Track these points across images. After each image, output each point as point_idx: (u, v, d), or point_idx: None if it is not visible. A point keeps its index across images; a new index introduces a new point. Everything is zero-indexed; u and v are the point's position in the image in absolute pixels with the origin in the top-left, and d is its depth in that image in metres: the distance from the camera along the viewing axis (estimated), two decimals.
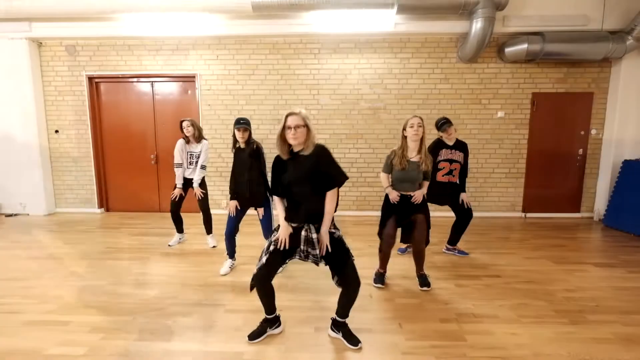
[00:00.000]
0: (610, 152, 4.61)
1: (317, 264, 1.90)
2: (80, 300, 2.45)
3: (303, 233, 1.83)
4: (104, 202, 5.22)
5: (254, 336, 1.95)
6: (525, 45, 4.25)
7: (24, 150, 4.85)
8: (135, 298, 2.47)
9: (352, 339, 1.91)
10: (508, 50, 4.40)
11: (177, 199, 3.43)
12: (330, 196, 1.84)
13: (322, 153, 1.83)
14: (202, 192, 3.39)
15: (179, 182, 3.42)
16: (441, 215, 4.12)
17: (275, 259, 1.85)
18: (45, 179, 4.96)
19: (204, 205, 3.46)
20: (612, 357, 1.83)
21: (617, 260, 3.24)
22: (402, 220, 2.63)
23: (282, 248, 1.82)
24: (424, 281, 2.64)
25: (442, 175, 3.07)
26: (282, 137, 1.82)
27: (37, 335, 2.01)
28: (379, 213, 2.74)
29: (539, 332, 2.06)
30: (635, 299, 2.47)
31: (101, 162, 5.13)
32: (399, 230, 2.69)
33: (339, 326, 1.96)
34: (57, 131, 4.99)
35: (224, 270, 2.91)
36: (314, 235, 1.81)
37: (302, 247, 1.85)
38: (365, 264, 3.01)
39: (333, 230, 1.89)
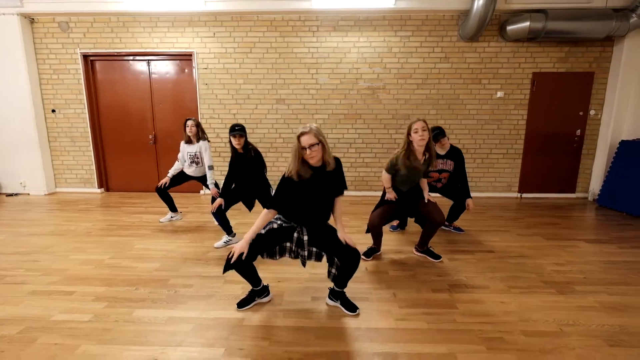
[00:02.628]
0: (607, 132, 4.62)
1: (304, 265, 2.00)
2: (83, 272, 2.52)
3: (295, 235, 1.91)
4: (104, 182, 5.25)
5: (242, 304, 2.03)
6: (527, 23, 4.18)
7: (22, 130, 4.83)
8: (137, 271, 2.54)
9: (350, 306, 1.99)
10: (510, 28, 4.33)
11: (164, 186, 3.49)
12: (339, 201, 1.99)
13: (338, 166, 1.91)
14: (217, 192, 3.29)
15: (170, 173, 3.52)
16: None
17: (259, 248, 1.87)
18: (44, 158, 4.97)
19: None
20: (595, 322, 1.91)
21: (608, 237, 3.31)
22: (403, 212, 2.69)
23: (232, 260, 1.78)
24: (433, 254, 2.75)
25: (431, 180, 3.12)
26: (299, 157, 1.76)
27: (42, 304, 2.08)
28: (376, 193, 2.81)
29: (527, 301, 2.14)
30: (623, 272, 2.55)
31: (99, 142, 5.12)
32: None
33: (337, 295, 2.03)
34: (54, 110, 4.96)
35: (218, 244, 2.99)
36: (305, 238, 1.90)
37: (293, 247, 1.94)
38: (360, 240, 3.08)
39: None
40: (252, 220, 3.50)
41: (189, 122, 3.35)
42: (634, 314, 1.99)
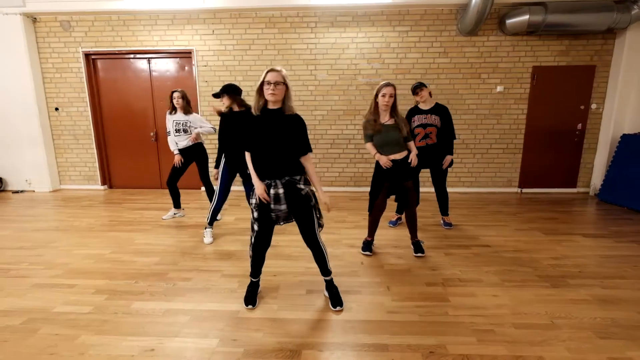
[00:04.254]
0: (609, 126, 4.57)
1: (278, 222, 1.93)
2: (84, 266, 2.58)
3: (272, 191, 1.85)
4: (107, 179, 5.33)
5: (250, 300, 2.02)
6: (526, 17, 4.14)
7: (26, 128, 4.92)
8: (137, 265, 2.60)
9: (334, 301, 2.00)
10: (509, 21, 4.29)
11: (178, 166, 3.51)
12: (309, 160, 1.94)
13: (300, 120, 1.90)
14: (197, 134, 3.44)
15: (172, 149, 3.53)
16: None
17: (265, 223, 1.93)
18: (48, 156, 5.06)
19: (204, 178, 3.56)
20: (587, 315, 1.92)
21: (606, 232, 3.30)
22: (394, 188, 2.66)
23: (265, 203, 1.87)
24: (418, 248, 2.74)
25: (419, 141, 3.11)
26: (259, 92, 1.82)
27: (44, 296, 2.14)
28: None
29: (520, 294, 2.15)
30: (618, 266, 2.55)
31: (102, 140, 5.20)
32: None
33: (329, 286, 2.07)
34: (57, 109, 5.03)
35: (208, 240, 3.03)
36: (280, 191, 1.85)
37: (272, 205, 1.87)
38: (358, 235, 3.12)
39: (302, 187, 1.90)
40: (246, 217, 3.55)
41: (175, 94, 3.39)
42: (626, 307, 2.00)
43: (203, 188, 5.09)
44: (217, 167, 3.02)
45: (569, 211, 4.05)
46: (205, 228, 3.10)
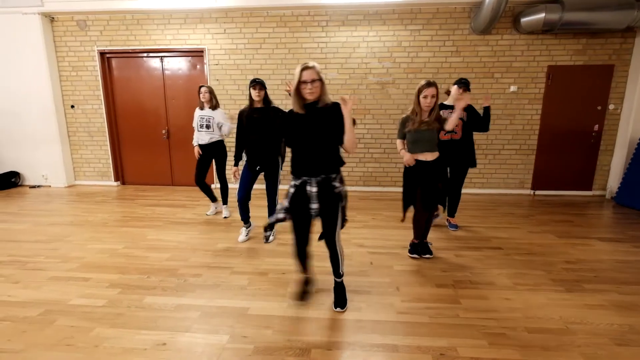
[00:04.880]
0: (628, 128, 4.44)
1: (312, 218, 1.89)
2: (99, 260, 2.64)
3: (307, 188, 1.82)
4: (120, 175, 5.43)
5: (302, 296, 1.97)
6: (542, 15, 4.04)
7: (43, 125, 5.05)
8: (149, 260, 2.64)
9: (338, 302, 1.99)
10: (524, 20, 4.21)
11: (199, 160, 3.58)
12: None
13: (337, 108, 1.81)
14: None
15: (194, 143, 3.60)
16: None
17: (300, 227, 1.89)
18: (64, 152, 5.18)
19: (220, 175, 3.61)
20: (603, 321, 1.88)
21: (624, 236, 3.21)
22: (426, 190, 2.53)
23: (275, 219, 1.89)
24: (427, 249, 2.71)
25: (444, 134, 3.01)
26: (297, 92, 1.79)
27: (60, 289, 2.20)
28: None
29: (533, 297, 2.12)
30: (636, 271, 2.48)
31: (115, 137, 5.29)
32: None
33: (337, 287, 2.06)
34: (72, 106, 5.15)
35: (241, 238, 3.04)
36: (314, 189, 1.81)
37: (312, 205, 1.83)
38: (367, 234, 3.11)
39: (337, 185, 1.86)
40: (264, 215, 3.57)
41: (203, 89, 3.46)
42: None
43: (213, 185, 5.17)
44: (236, 164, 2.97)
45: (584, 214, 3.95)
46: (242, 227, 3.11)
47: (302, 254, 1.95)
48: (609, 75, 4.45)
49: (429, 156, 2.50)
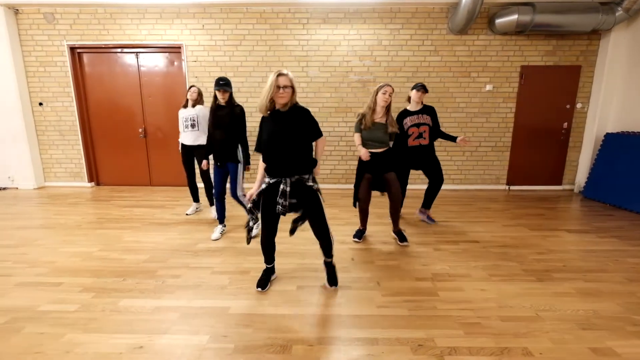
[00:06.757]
0: (593, 125, 4.70)
1: (284, 214, 2.03)
2: (71, 264, 2.53)
3: (281, 187, 1.96)
4: (94, 176, 5.22)
5: (262, 284, 2.17)
6: (515, 16, 4.20)
7: (8, 124, 4.77)
8: (125, 262, 2.56)
9: (331, 280, 2.19)
10: (498, 21, 4.35)
11: (183, 162, 3.63)
12: (319, 142, 2.11)
13: (305, 111, 1.99)
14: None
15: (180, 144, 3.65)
16: (416, 188, 4.23)
17: (269, 215, 2.03)
18: (32, 152, 4.92)
19: (205, 176, 3.56)
20: (570, 307, 1.98)
21: (590, 227, 3.40)
22: (375, 180, 2.81)
23: (248, 205, 2.07)
24: (402, 237, 2.87)
25: (413, 140, 3.17)
26: (269, 95, 1.90)
27: (29, 295, 2.10)
28: None
29: (506, 288, 2.20)
30: (600, 260, 2.63)
31: (89, 136, 5.08)
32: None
33: (328, 266, 2.21)
34: (41, 104, 4.90)
35: (214, 236, 3.03)
36: (288, 189, 1.96)
37: (279, 199, 1.98)
38: (349, 231, 3.14)
39: (311, 184, 2.03)
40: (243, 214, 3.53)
41: (192, 89, 3.48)
42: (607, 299, 2.07)
43: (201, 184, 5.06)
44: (206, 158, 3.13)
45: (555, 208, 4.15)
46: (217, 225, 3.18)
47: (269, 246, 2.14)
48: (576, 75, 4.68)
49: (379, 149, 2.76)
